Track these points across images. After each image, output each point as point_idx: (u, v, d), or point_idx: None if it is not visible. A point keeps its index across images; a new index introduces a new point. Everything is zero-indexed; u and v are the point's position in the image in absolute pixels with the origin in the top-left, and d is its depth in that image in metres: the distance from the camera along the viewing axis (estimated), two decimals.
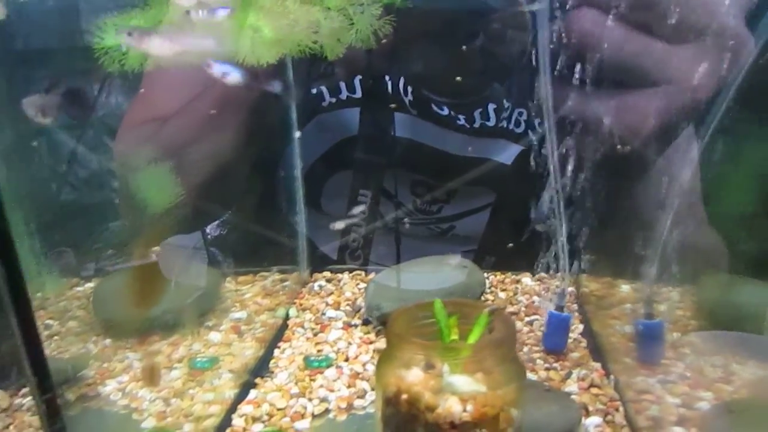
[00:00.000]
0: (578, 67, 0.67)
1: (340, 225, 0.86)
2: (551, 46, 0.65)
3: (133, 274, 0.53)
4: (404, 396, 0.42)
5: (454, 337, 0.46)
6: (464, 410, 0.41)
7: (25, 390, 0.62)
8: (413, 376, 0.43)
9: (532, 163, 0.69)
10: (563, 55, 0.65)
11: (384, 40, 0.84)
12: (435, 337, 0.46)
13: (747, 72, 0.59)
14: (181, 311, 0.66)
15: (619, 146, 0.69)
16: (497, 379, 0.43)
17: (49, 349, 0.68)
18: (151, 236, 0.51)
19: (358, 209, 0.89)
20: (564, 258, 0.71)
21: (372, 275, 0.90)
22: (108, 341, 0.72)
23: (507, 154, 0.93)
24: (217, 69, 0.49)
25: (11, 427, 0.57)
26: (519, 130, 0.92)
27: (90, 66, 0.50)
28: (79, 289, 0.83)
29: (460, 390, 0.42)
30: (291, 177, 0.88)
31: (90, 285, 0.83)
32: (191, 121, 0.79)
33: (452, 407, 0.41)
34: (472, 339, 0.45)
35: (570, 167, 0.70)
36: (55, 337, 0.72)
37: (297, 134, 0.88)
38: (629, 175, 0.79)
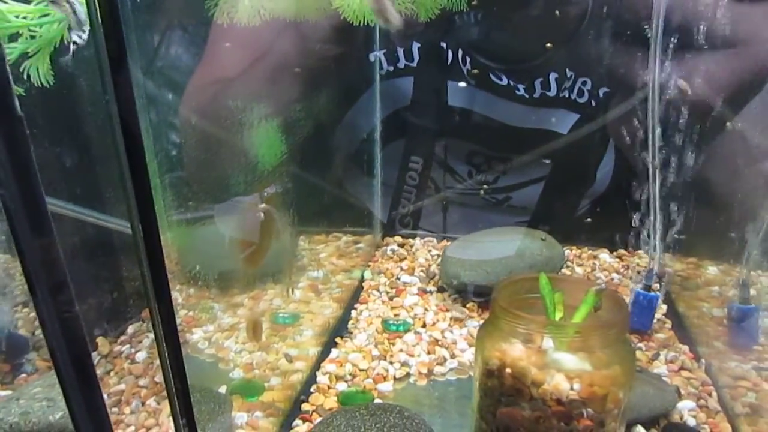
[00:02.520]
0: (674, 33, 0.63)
1: None
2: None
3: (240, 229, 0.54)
4: (508, 369, 0.42)
5: (560, 314, 0.45)
6: (571, 388, 0.41)
7: (124, 338, 0.65)
8: (518, 350, 0.42)
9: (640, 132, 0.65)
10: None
11: (474, 2, 0.82)
12: (539, 312, 0.45)
13: None
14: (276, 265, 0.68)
15: (728, 123, 0.65)
16: (604, 359, 0.42)
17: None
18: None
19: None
20: (654, 236, 0.68)
21: (444, 243, 0.90)
22: (192, 291, 0.74)
23: (566, 124, 0.90)
24: None
25: (112, 374, 0.59)
26: (582, 100, 0.88)
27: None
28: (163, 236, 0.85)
29: (565, 367, 0.42)
30: (369, 139, 0.88)
31: (170, 235, 0.85)
32: (260, 79, 0.79)
33: (560, 384, 0.41)
34: (579, 317, 0.44)
35: (659, 141, 0.67)
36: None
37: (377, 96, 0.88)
38: (721, 151, 0.75)
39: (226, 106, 0.60)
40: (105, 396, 0.56)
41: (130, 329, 0.66)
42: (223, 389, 0.58)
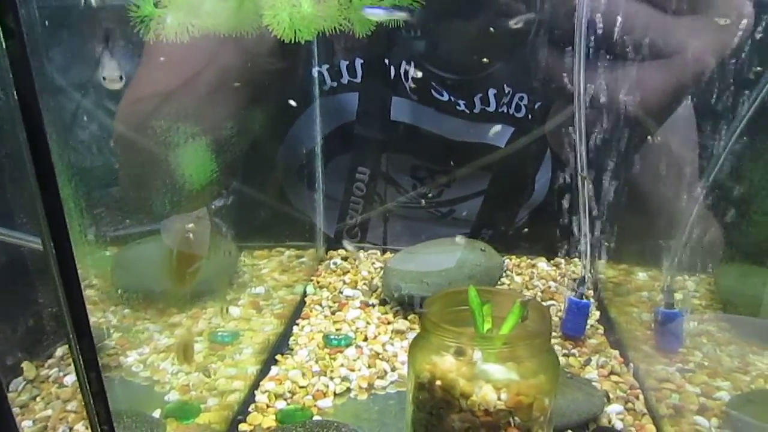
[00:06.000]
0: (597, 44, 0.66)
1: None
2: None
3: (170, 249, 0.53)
4: (438, 382, 0.43)
5: (488, 325, 0.46)
6: (499, 398, 0.42)
7: (51, 361, 0.62)
8: (447, 363, 0.43)
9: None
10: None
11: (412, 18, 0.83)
12: (469, 324, 0.46)
13: None
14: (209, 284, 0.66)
15: (649, 137, 0.68)
16: (530, 368, 0.43)
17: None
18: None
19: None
20: (586, 244, 0.71)
21: (387, 255, 0.91)
22: (127, 311, 0.72)
23: (503, 137, 0.92)
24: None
25: (38, 399, 0.57)
26: (520, 115, 0.91)
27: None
28: (95, 256, 0.82)
29: (493, 378, 0.43)
30: (310, 153, 0.88)
31: (107, 253, 0.82)
32: (195, 95, 0.78)
33: (487, 395, 0.42)
34: (506, 329, 0.45)
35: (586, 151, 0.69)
36: None
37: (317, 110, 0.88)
38: (647, 162, 0.79)
39: (159, 122, 0.59)
40: (30, 423, 0.54)
41: (59, 351, 0.64)
42: (157, 413, 0.57)
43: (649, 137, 0.72)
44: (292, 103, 0.70)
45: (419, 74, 0.86)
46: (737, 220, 0.67)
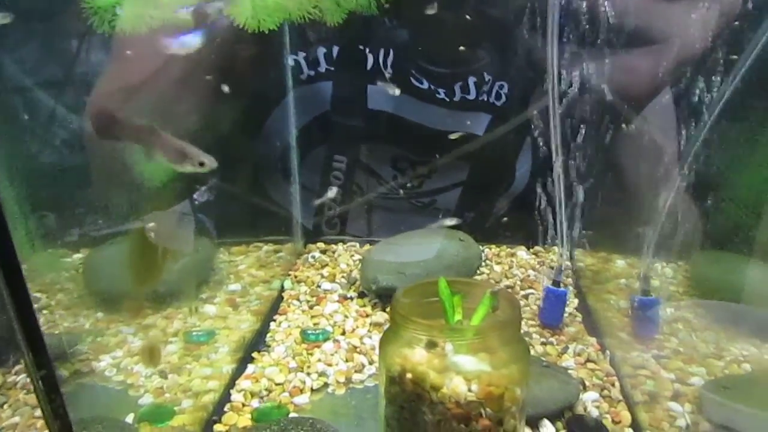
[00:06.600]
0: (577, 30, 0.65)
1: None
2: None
3: (132, 248, 0.52)
4: (409, 375, 0.42)
5: (459, 316, 0.45)
6: (469, 390, 0.41)
7: (19, 367, 0.61)
8: (418, 356, 0.43)
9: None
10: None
11: (387, 5, 0.82)
12: (440, 316, 0.46)
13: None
14: (178, 284, 0.65)
15: (624, 125, 0.68)
16: (502, 358, 0.43)
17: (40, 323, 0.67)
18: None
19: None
20: (562, 233, 0.71)
21: (366, 247, 0.90)
22: (100, 314, 0.70)
23: (482, 126, 0.92)
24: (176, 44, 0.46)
25: (5, 406, 0.56)
26: (499, 103, 0.91)
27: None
28: (67, 260, 0.81)
29: (464, 369, 0.42)
30: (286, 145, 0.86)
31: (78, 255, 0.81)
32: (159, 89, 0.76)
33: (458, 387, 0.41)
34: (477, 320, 0.45)
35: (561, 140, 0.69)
36: (45, 311, 0.70)
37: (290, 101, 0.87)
38: (624, 150, 0.79)
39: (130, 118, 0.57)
40: None
41: None
42: (130, 417, 0.56)
43: (623, 125, 0.71)
44: (225, 89, 0.68)
45: (393, 86, 0.85)
46: (708, 207, 0.67)
